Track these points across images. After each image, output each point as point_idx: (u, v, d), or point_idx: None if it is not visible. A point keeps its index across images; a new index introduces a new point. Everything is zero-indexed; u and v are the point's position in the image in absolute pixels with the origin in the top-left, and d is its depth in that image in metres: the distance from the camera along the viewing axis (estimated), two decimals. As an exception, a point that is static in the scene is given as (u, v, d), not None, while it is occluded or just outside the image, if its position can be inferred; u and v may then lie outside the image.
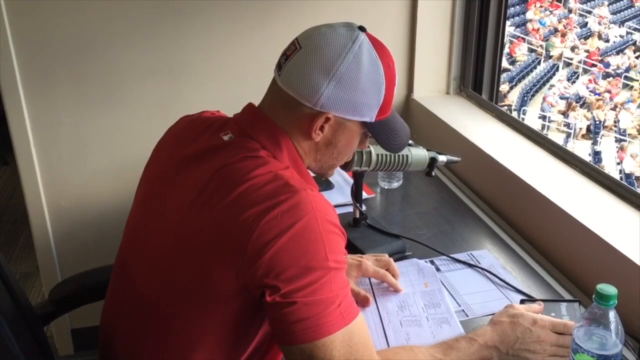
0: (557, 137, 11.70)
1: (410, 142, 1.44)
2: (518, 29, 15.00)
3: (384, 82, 1.04)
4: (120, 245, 1.19)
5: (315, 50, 1.01)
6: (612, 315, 0.94)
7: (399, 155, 1.41)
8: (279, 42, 1.08)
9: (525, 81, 13.92)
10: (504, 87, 12.95)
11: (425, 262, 1.43)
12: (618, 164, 11.66)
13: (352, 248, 1.45)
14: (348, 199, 1.65)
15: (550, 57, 14.71)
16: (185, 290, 1.01)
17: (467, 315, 1.26)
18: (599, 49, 14.77)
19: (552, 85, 13.76)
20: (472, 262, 1.43)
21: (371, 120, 1.06)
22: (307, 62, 1.01)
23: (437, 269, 1.41)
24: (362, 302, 1.26)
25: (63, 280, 1.46)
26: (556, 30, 15.20)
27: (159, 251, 1.06)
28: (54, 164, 2.01)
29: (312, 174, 1.15)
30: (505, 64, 13.59)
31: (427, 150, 1.46)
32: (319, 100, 1.01)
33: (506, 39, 13.85)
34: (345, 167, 1.37)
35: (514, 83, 13.67)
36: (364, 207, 1.55)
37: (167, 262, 1.04)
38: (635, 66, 14.13)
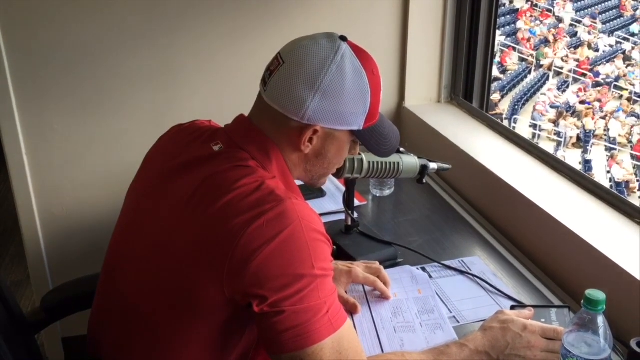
0: (548, 146, 11.78)
1: (401, 149, 1.45)
2: (509, 39, 15.12)
3: (369, 90, 1.04)
4: (107, 253, 1.18)
5: (298, 64, 1.01)
6: (600, 320, 0.95)
7: (390, 163, 1.42)
8: (271, 48, 1.08)
9: (516, 90, 14.02)
10: (495, 96, 13.03)
11: (417, 269, 1.44)
12: (608, 172, 11.74)
13: (343, 255, 1.46)
14: (340, 206, 1.66)
15: (541, 66, 14.83)
16: (171, 298, 1.01)
17: (459, 322, 1.27)
18: (589, 59, 14.90)
19: (542, 94, 13.86)
20: (463, 269, 1.44)
21: (359, 128, 1.07)
22: (291, 77, 1.01)
23: (429, 276, 1.42)
24: (352, 309, 1.27)
25: (55, 288, 1.45)
26: (547, 39, 15.34)
27: (146, 259, 1.06)
28: (46, 172, 2.00)
29: (302, 183, 1.16)
30: (496, 73, 13.68)
31: (419, 157, 1.47)
32: (306, 114, 1.01)
33: (497, 48, 13.97)
34: (337, 174, 1.38)
35: (505, 92, 13.75)
36: (355, 215, 1.55)
37: (153, 270, 1.04)
38: (624, 75, 14.27)
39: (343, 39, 1.05)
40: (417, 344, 1.19)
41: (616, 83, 14.07)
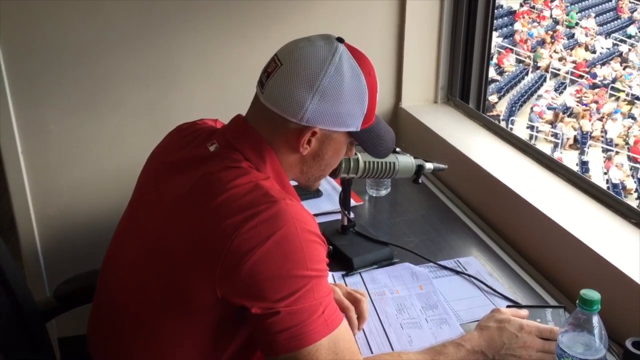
0: (545, 147, 11.79)
1: (397, 149, 1.45)
2: (506, 40, 15.15)
3: (367, 91, 1.04)
4: (106, 252, 1.19)
5: (296, 65, 1.01)
6: (595, 320, 0.95)
7: (386, 163, 1.42)
8: (268, 49, 1.09)
9: (514, 91, 14.04)
10: (492, 98, 13.05)
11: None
12: (605, 173, 11.76)
13: (340, 255, 1.46)
14: (336, 206, 1.66)
15: (538, 67, 14.86)
16: (163, 297, 1.01)
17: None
18: (586, 61, 14.94)
19: (539, 96, 13.88)
20: (458, 269, 1.44)
21: (357, 129, 1.07)
22: (289, 79, 1.01)
23: (425, 276, 1.42)
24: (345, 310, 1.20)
25: (68, 279, 1.46)
26: (544, 41, 15.37)
27: (139, 258, 1.06)
28: (42, 172, 1.99)
29: (297, 184, 1.16)
30: (493, 74, 13.70)
31: (415, 157, 1.47)
32: (305, 116, 1.01)
33: (494, 49, 13.98)
34: (333, 174, 1.38)
35: (502, 93, 13.77)
36: (352, 215, 1.55)
37: (146, 269, 1.04)
38: (621, 77, 14.30)
39: (340, 40, 1.05)
40: (425, 340, 1.20)
41: (613, 85, 14.11)
